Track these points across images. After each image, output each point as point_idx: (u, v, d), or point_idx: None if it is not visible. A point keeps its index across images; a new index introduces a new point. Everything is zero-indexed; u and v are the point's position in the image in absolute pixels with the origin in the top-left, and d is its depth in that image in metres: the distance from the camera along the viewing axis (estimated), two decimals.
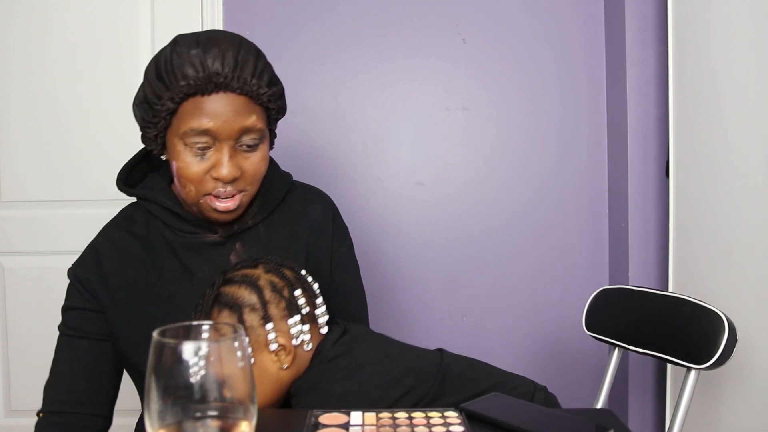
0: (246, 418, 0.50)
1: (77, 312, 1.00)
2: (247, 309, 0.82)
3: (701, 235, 1.37)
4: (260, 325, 0.82)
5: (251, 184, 0.92)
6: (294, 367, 0.85)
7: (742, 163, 1.23)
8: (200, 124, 0.84)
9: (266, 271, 0.86)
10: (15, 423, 1.87)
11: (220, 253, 0.98)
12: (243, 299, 0.83)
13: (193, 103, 0.84)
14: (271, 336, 0.83)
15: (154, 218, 0.98)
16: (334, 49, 1.81)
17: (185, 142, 0.86)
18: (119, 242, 0.98)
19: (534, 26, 1.79)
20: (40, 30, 1.81)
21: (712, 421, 1.31)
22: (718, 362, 0.96)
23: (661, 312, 1.10)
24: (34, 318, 1.85)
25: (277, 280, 0.85)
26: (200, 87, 0.83)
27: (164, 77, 0.85)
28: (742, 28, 1.23)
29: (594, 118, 1.79)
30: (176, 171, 0.89)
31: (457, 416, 0.74)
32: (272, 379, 0.84)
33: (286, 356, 0.84)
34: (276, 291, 0.84)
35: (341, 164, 1.82)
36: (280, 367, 0.84)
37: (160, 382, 0.47)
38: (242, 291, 0.84)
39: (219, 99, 0.84)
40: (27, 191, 1.84)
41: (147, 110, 0.88)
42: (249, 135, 0.88)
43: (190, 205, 0.93)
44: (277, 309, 0.84)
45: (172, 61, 0.85)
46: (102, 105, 1.81)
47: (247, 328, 0.82)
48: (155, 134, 0.90)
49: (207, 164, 0.87)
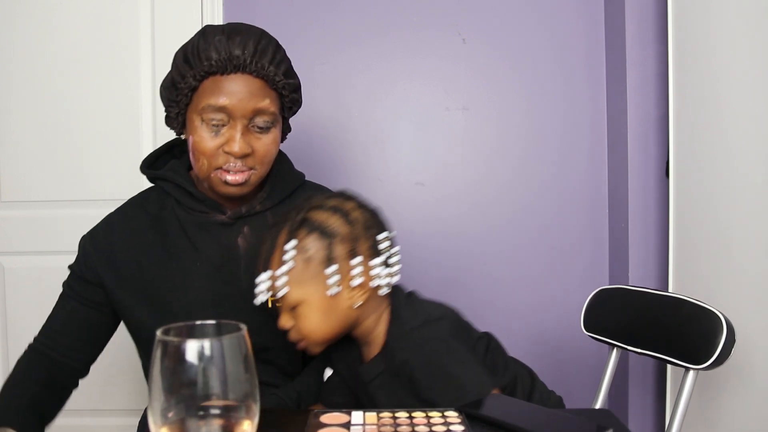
0: (248, 416, 0.50)
1: (74, 275, 1.07)
2: (337, 239, 0.83)
3: (701, 235, 1.37)
4: (345, 258, 0.83)
5: (261, 165, 0.98)
6: (363, 309, 0.86)
7: (742, 163, 1.23)
8: (217, 101, 0.91)
9: (357, 207, 0.87)
10: None
11: (228, 234, 1.02)
12: (334, 228, 0.84)
13: (213, 82, 0.92)
14: (354, 271, 0.83)
15: (169, 198, 1.04)
16: (334, 49, 1.81)
17: (202, 118, 0.93)
18: (133, 218, 1.05)
19: (534, 26, 1.79)
20: (41, 30, 1.81)
21: (712, 421, 1.31)
22: (716, 362, 0.96)
23: (659, 312, 1.10)
24: (34, 318, 1.84)
25: (368, 219, 0.87)
26: (221, 67, 0.91)
27: (190, 59, 0.93)
28: (742, 28, 1.23)
29: (594, 118, 1.79)
30: (192, 145, 0.96)
31: (457, 416, 0.74)
32: (339, 314, 0.85)
33: (361, 295, 0.84)
34: (365, 229, 0.85)
35: (341, 164, 1.82)
36: (351, 304, 0.85)
37: (163, 380, 0.48)
38: (334, 220, 0.85)
39: (237, 79, 0.92)
40: (27, 191, 1.84)
41: (171, 90, 0.96)
42: (262, 117, 0.95)
43: (203, 180, 0.99)
44: (364, 247, 0.85)
45: (198, 46, 0.93)
46: (102, 105, 1.81)
47: (333, 257, 0.83)
48: (177, 113, 0.98)
49: (221, 140, 0.94)
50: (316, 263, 0.83)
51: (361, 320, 0.88)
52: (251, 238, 1.03)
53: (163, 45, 1.80)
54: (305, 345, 0.88)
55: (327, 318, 0.84)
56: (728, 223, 1.27)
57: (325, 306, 0.84)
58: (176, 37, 1.79)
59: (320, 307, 0.84)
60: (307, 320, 0.85)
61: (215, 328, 0.53)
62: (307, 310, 0.84)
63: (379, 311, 0.89)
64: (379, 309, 0.89)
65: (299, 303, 0.84)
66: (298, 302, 0.84)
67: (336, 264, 0.83)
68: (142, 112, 1.82)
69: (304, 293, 0.84)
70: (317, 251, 0.83)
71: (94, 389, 1.82)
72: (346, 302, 0.85)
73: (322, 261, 0.83)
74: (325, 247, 0.83)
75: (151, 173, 1.06)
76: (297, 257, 0.83)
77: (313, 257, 0.83)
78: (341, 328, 0.87)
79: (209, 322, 0.53)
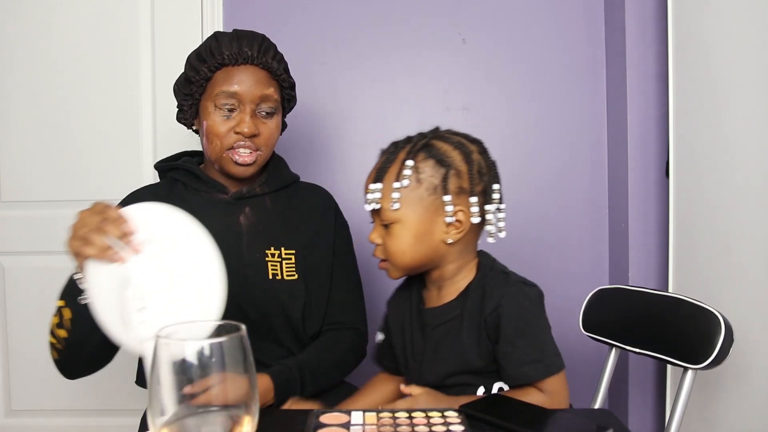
0: (248, 415, 0.50)
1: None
2: (453, 171, 0.85)
3: (701, 235, 1.37)
4: (454, 192, 0.85)
5: (265, 147, 1.13)
6: (452, 248, 0.88)
7: (742, 163, 1.23)
8: (230, 88, 1.08)
9: (479, 151, 0.89)
10: (15, 423, 1.87)
11: (231, 212, 1.15)
12: (454, 161, 0.86)
13: (225, 72, 1.09)
14: (456, 208, 0.85)
15: (177, 184, 1.17)
16: (333, 49, 1.81)
17: (216, 104, 1.09)
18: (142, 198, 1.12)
19: (534, 26, 1.79)
20: (41, 30, 1.81)
21: (711, 421, 1.31)
22: (714, 362, 0.96)
23: (658, 312, 1.10)
24: (34, 318, 1.85)
25: (485, 166, 0.89)
26: (232, 59, 1.08)
27: (204, 56, 1.10)
28: (742, 28, 1.23)
29: (594, 118, 1.79)
30: (206, 128, 1.10)
31: (457, 416, 0.74)
32: (429, 244, 0.87)
33: (456, 233, 0.86)
34: (480, 174, 0.87)
35: (341, 164, 1.82)
36: (444, 239, 0.86)
37: (163, 380, 0.48)
38: (455, 154, 0.87)
39: (245, 70, 1.09)
40: (27, 191, 1.84)
41: (186, 85, 1.13)
42: (267, 103, 1.11)
43: (214, 162, 1.13)
44: (474, 188, 0.86)
45: (210, 46, 1.10)
46: (102, 105, 1.81)
47: (443, 188, 0.85)
48: (190, 104, 1.13)
49: (232, 123, 1.09)
50: (425, 188, 0.85)
51: (446, 260, 0.89)
52: (252, 217, 1.15)
53: (163, 45, 1.80)
54: (387, 266, 0.91)
55: (417, 244, 0.86)
56: (728, 223, 1.27)
57: (420, 232, 0.86)
58: (176, 37, 1.81)
59: (415, 231, 0.86)
60: (398, 240, 0.87)
61: (215, 329, 0.53)
62: (402, 230, 0.86)
63: (466, 259, 0.91)
64: (466, 257, 0.91)
65: (396, 221, 0.86)
66: (395, 220, 0.86)
67: (445, 195, 0.85)
68: (142, 112, 1.82)
69: (404, 213, 0.86)
70: (430, 177, 0.86)
71: (94, 389, 1.82)
72: (440, 235, 0.86)
73: (431, 188, 0.85)
74: (439, 175, 0.85)
75: (166, 165, 1.20)
76: (411, 177, 0.85)
77: (425, 182, 0.85)
78: (426, 259, 0.88)
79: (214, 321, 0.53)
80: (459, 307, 0.89)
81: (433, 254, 0.88)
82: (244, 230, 1.14)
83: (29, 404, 1.87)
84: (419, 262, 0.88)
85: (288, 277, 1.12)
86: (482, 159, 0.89)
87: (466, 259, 0.91)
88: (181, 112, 1.16)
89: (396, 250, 0.87)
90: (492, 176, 0.89)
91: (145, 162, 1.81)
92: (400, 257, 0.88)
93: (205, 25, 1.80)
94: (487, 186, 0.88)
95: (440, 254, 0.88)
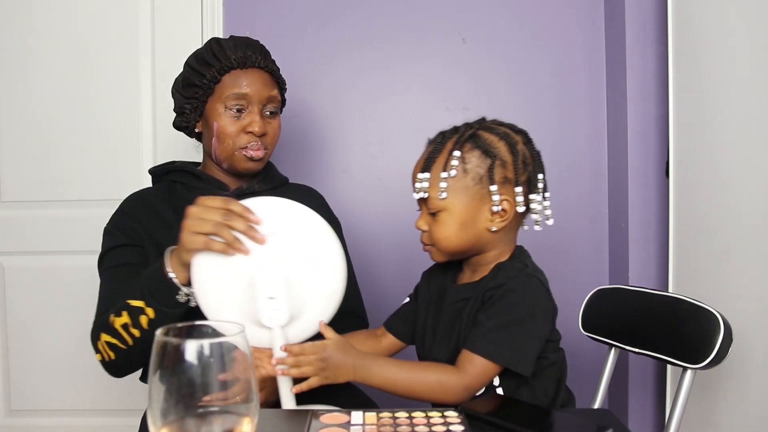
0: (248, 415, 0.50)
1: (115, 250, 1.12)
2: (499, 162, 0.88)
3: (701, 235, 1.37)
4: (499, 182, 0.87)
5: (271, 145, 1.20)
6: (496, 236, 0.91)
7: (741, 162, 1.23)
8: (240, 89, 1.13)
9: (524, 142, 0.92)
10: (15, 423, 1.87)
11: None
12: (500, 152, 0.89)
13: (235, 75, 1.14)
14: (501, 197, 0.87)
15: (176, 185, 1.20)
16: (333, 49, 1.81)
17: (226, 105, 1.14)
18: (146, 196, 1.19)
19: (534, 26, 1.79)
20: (41, 30, 1.81)
21: (711, 421, 1.31)
22: (713, 362, 0.96)
23: (657, 312, 1.10)
24: (34, 318, 1.85)
25: (530, 156, 0.91)
26: (240, 63, 1.14)
27: (209, 60, 1.14)
28: (742, 28, 1.23)
29: (594, 118, 1.79)
30: (217, 129, 1.15)
31: (457, 416, 0.74)
32: (474, 232, 0.90)
33: (500, 222, 0.89)
34: (524, 164, 0.90)
35: (341, 164, 1.82)
36: (488, 227, 0.90)
37: (163, 379, 0.48)
38: (500, 145, 0.89)
39: (253, 73, 1.15)
40: (27, 191, 1.84)
41: (189, 89, 1.16)
42: (272, 104, 1.18)
43: (223, 161, 1.18)
44: (518, 178, 0.89)
45: (213, 50, 1.15)
46: (102, 105, 1.81)
47: (489, 178, 0.88)
48: (195, 106, 1.17)
49: (242, 123, 1.15)
50: (471, 177, 0.88)
51: (489, 247, 0.92)
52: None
53: (163, 45, 1.80)
54: (431, 250, 0.94)
55: (462, 231, 0.89)
56: (728, 223, 1.27)
57: (465, 219, 0.89)
58: (176, 37, 1.81)
59: (460, 218, 0.89)
60: (443, 227, 0.90)
61: (214, 329, 0.53)
62: (448, 217, 0.89)
63: (505, 248, 0.93)
64: (506, 246, 0.94)
65: (443, 209, 0.89)
66: (442, 208, 0.89)
67: (491, 185, 0.87)
68: (142, 112, 1.82)
69: (451, 202, 0.89)
70: (476, 167, 0.88)
71: (94, 389, 1.82)
72: (485, 223, 0.89)
73: (477, 177, 0.88)
74: (485, 165, 0.88)
75: (162, 167, 1.23)
76: (458, 167, 0.88)
77: (471, 171, 0.88)
78: (469, 246, 0.91)
79: (209, 322, 0.53)
80: (475, 288, 0.92)
81: (477, 241, 0.91)
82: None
83: (29, 404, 1.87)
84: (464, 248, 0.91)
85: None
86: (527, 149, 0.91)
87: (506, 247, 0.94)
88: (182, 116, 1.19)
89: (441, 237, 0.90)
90: (536, 166, 0.91)
91: (145, 162, 1.81)
92: (445, 243, 0.91)
93: (206, 26, 1.80)
94: (531, 175, 0.90)
95: (484, 241, 0.91)
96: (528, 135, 0.94)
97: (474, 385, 0.84)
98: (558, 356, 0.94)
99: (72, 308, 1.82)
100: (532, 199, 0.90)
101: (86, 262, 1.83)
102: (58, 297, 1.84)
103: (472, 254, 0.94)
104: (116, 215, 1.17)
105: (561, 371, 0.94)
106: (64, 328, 1.83)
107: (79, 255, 1.80)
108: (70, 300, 1.82)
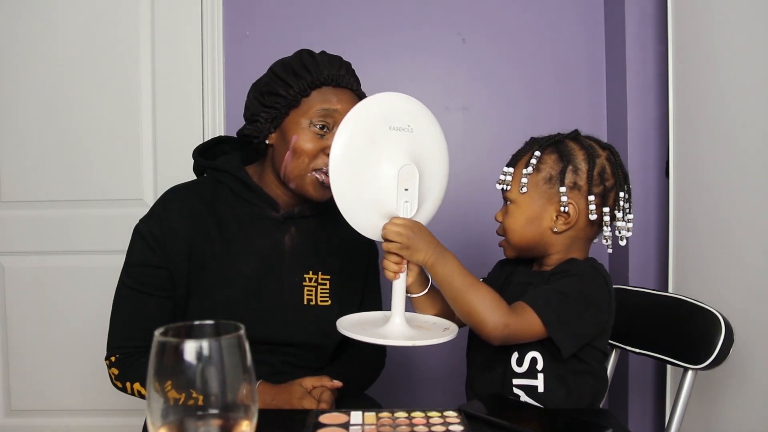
0: (247, 417, 0.50)
1: (144, 269, 1.07)
2: (571, 167, 0.92)
3: (701, 235, 1.37)
4: (568, 186, 0.91)
5: None
6: (559, 238, 0.93)
7: (742, 163, 1.23)
8: (331, 105, 1.06)
9: (606, 157, 0.95)
10: (15, 423, 1.87)
11: (277, 231, 1.11)
12: (576, 159, 0.93)
13: (325, 91, 1.07)
14: (567, 199, 0.91)
15: (221, 187, 1.12)
16: (333, 49, 1.79)
17: (311, 121, 1.05)
18: (188, 200, 1.09)
19: (534, 26, 1.79)
20: (42, 30, 1.81)
21: (711, 421, 1.31)
22: (714, 362, 0.96)
23: (658, 312, 1.10)
24: (34, 318, 1.85)
25: (609, 171, 0.94)
26: (334, 80, 1.08)
27: (299, 72, 1.07)
28: (742, 28, 1.23)
29: (594, 118, 1.79)
30: (294, 144, 1.06)
31: (457, 416, 0.74)
32: (537, 229, 0.94)
33: (563, 224, 0.92)
34: (601, 176, 0.93)
35: None
36: (551, 227, 0.93)
37: (162, 380, 0.48)
38: (580, 153, 0.94)
39: (344, 92, 1.09)
40: (27, 191, 1.84)
41: (272, 97, 1.07)
42: None
43: (292, 179, 1.08)
44: (594, 189, 0.92)
45: (305, 62, 1.08)
46: (102, 105, 1.81)
47: (558, 179, 0.92)
48: (273, 117, 1.08)
49: (323, 143, 1.05)
50: (542, 177, 0.93)
51: (552, 249, 0.95)
52: (296, 239, 1.12)
53: (163, 45, 1.80)
54: (504, 245, 0.99)
55: (527, 226, 0.94)
56: (728, 223, 1.27)
57: (531, 215, 0.94)
58: (176, 38, 1.81)
59: (527, 213, 0.94)
60: (512, 219, 0.95)
61: (214, 329, 0.53)
62: (516, 210, 0.95)
63: (575, 254, 0.95)
64: (575, 253, 0.95)
65: (514, 201, 0.95)
66: (513, 200, 0.95)
67: (558, 187, 0.91)
68: (142, 112, 1.82)
69: (522, 196, 0.94)
70: (549, 168, 0.93)
71: (94, 389, 1.82)
72: (549, 222, 0.93)
73: (548, 177, 0.93)
74: (557, 168, 0.92)
75: (206, 162, 1.15)
76: (535, 165, 0.93)
77: (543, 171, 0.93)
78: (533, 242, 0.95)
79: (208, 323, 0.53)
80: (542, 275, 0.95)
81: (540, 239, 0.94)
82: (288, 252, 1.12)
83: (29, 404, 1.87)
84: (527, 242, 0.95)
85: (321, 303, 1.12)
86: (608, 164, 0.94)
87: (576, 253, 0.95)
88: (254, 124, 1.10)
89: (508, 227, 0.96)
90: (618, 183, 0.93)
91: (145, 162, 1.82)
92: (511, 234, 0.96)
93: (205, 26, 1.80)
94: (608, 190, 0.92)
95: (546, 241, 0.94)
96: (616, 153, 0.96)
97: (514, 329, 0.85)
98: (599, 369, 0.93)
99: (72, 308, 1.82)
100: (605, 212, 0.92)
101: (86, 262, 1.84)
102: (58, 297, 1.84)
103: (537, 254, 0.97)
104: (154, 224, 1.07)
105: (598, 388, 0.93)
106: (64, 328, 1.82)
107: (79, 255, 1.81)
108: (70, 300, 1.82)
